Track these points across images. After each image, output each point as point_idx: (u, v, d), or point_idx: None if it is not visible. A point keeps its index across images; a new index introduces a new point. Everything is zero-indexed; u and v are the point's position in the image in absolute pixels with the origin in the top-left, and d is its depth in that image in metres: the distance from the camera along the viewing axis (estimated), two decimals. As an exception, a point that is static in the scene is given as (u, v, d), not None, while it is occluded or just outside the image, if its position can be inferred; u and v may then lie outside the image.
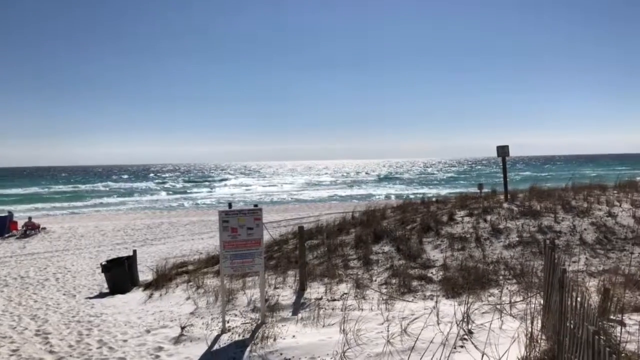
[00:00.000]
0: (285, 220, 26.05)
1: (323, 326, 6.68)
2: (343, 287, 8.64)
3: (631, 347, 4.72)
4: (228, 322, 7.12)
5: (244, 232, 7.04)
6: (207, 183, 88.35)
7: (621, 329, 4.97)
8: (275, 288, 8.96)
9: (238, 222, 7.04)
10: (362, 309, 7.25)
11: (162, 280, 10.74)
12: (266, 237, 12.69)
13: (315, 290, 8.52)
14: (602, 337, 4.49)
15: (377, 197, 49.78)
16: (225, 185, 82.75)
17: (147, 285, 10.87)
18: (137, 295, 10.27)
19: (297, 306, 7.82)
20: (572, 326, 3.95)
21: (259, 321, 7.07)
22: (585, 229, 10.70)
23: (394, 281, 8.78)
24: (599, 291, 6.43)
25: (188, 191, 68.70)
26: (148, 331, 7.23)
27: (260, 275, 7.39)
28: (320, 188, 70.25)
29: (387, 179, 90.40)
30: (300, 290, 8.56)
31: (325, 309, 7.43)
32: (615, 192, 14.13)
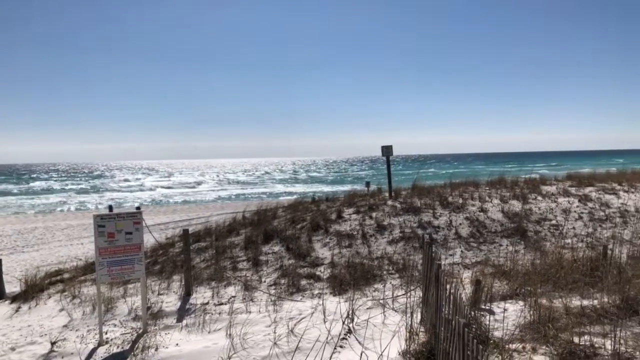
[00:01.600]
0: (173, 222, 25.09)
1: (209, 332, 6.47)
2: (231, 290, 8.45)
3: (498, 333, 5.08)
4: (106, 334, 6.65)
5: (122, 237, 6.60)
6: (91, 182, 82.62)
7: (489, 317, 5.34)
8: (159, 294, 8.54)
9: (116, 226, 6.58)
10: (250, 312, 7.13)
11: (33, 291, 9.76)
12: (151, 240, 12.14)
13: (201, 295, 8.25)
14: (473, 327, 4.78)
15: (270, 196, 49.77)
16: (114, 185, 77.93)
17: (14, 298, 9.82)
18: (1, 309, 9.26)
19: (182, 312, 7.50)
20: (446, 318, 4.15)
21: (141, 330, 6.67)
22: (460, 224, 11.46)
23: (283, 281, 8.75)
24: (472, 282, 6.87)
25: (68, 192, 63.71)
26: (13, 349, 6.52)
27: (141, 281, 6.99)
28: (214, 188, 68.74)
29: (280, 178, 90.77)
30: (186, 296, 8.24)
31: (212, 313, 7.21)
32: (487, 188, 15.30)
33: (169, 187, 72.67)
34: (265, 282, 8.93)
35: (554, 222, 11.71)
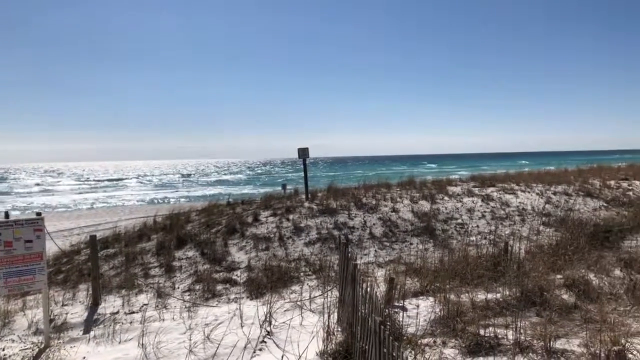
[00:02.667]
0: (79, 228, 23.64)
1: (119, 342, 6.15)
2: (143, 298, 8.11)
3: (411, 329, 5.29)
4: (3, 350, 6.12)
5: (21, 246, 6.11)
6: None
7: (402, 314, 5.54)
8: (64, 305, 8.01)
9: (14, 234, 6.09)
10: (164, 319, 6.88)
11: None
12: (54, 248, 11.36)
13: (111, 304, 7.84)
14: (388, 324, 4.91)
15: (183, 199, 48.34)
16: (17, 190, 71.85)
17: None
18: None
19: (90, 323, 7.08)
20: (362, 316, 4.25)
21: (43, 345, 6.21)
22: (374, 224, 11.79)
23: (198, 287, 8.54)
24: (386, 280, 7.09)
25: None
26: None
27: (43, 292, 6.51)
28: (124, 192, 65.57)
29: (195, 180, 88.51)
30: (94, 305, 7.79)
31: (122, 323, 6.87)
32: (398, 189, 15.87)
33: (78, 192, 68.41)
34: (179, 288, 8.67)
35: (459, 220, 12.38)
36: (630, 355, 4.20)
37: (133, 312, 7.41)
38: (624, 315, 5.42)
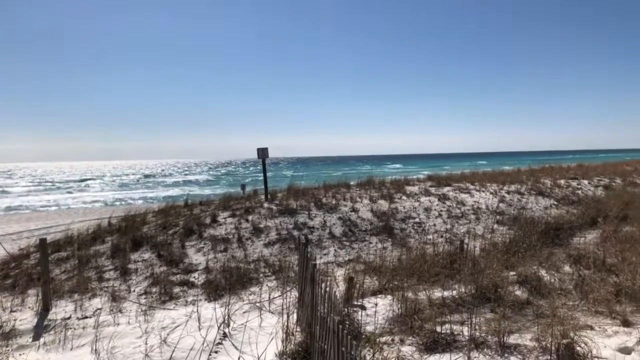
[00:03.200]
0: (28, 231, 22.72)
1: (71, 348, 5.95)
2: (97, 302, 7.87)
3: (370, 328, 5.33)
4: (-55, 361, 5.82)
5: (-36, 250, 5.84)
6: None
7: (361, 312, 5.58)
8: (12, 311, 7.68)
9: (-44, 238, 5.81)
10: (119, 324, 6.70)
11: None
12: (1, 252, 10.88)
13: (62, 309, 7.57)
14: (347, 323, 4.93)
15: (139, 200, 47.23)
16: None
17: None
18: None
19: (40, 329, 6.82)
20: (321, 316, 4.25)
21: (-12, 354, 5.95)
22: (334, 224, 11.84)
23: (154, 290, 8.35)
24: (345, 280, 7.13)
25: None
26: None
27: (-12, 299, 6.23)
28: (80, 192, 63.48)
29: (153, 181, 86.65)
30: (44, 311, 7.50)
31: (75, 328, 6.65)
32: (357, 189, 15.99)
33: (25, 194, 65.79)
34: (135, 291, 8.46)
35: (417, 219, 12.58)
36: (578, 348, 4.36)
37: (86, 317, 7.18)
38: (573, 310, 5.62)
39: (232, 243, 10.70)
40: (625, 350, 4.49)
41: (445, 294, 6.37)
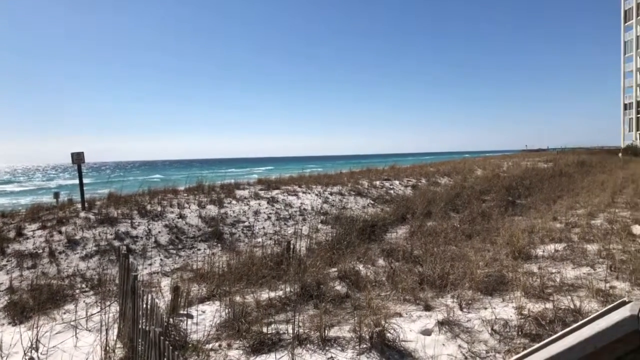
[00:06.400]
0: None
1: None
2: None
3: (198, 336, 5.24)
4: None
5: None
6: None
7: (188, 321, 5.46)
8: None
9: None
10: None
11: None
12: None
13: None
14: (172, 334, 4.80)
15: None
16: None
17: None
18: None
19: None
20: (143, 329, 4.07)
21: None
22: (159, 232, 11.36)
23: (-59, 318, 7.14)
24: (172, 289, 6.90)
25: None
26: None
27: None
28: None
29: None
30: None
31: None
32: (186, 194, 15.56)
33: None
34: None
35: (246, 223, 12.69)
36: (388, 334, 4.82)
37: None
38: (385, 300, 6.20)
39: (42, 258, 9.63)
40: (427, 332, 5.09)
41: (272, 295, 6.55)
